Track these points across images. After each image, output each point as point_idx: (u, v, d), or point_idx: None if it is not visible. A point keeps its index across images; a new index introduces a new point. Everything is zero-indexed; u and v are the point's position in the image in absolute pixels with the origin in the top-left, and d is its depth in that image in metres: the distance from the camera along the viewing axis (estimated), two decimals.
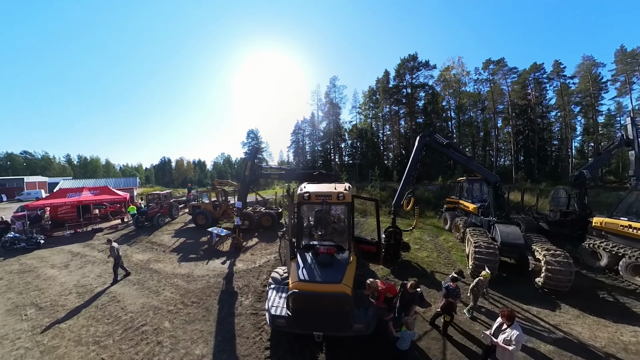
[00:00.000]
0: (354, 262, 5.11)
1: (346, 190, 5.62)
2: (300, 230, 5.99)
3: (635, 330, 6.08)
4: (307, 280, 4.51)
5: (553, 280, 7.53)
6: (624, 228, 9.04)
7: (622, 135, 12.11)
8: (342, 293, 4.24)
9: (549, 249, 8.15)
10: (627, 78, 37.50)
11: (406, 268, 9.34)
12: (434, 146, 10.36)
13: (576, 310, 6.87)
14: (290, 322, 4.46)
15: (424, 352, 5.02)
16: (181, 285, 8.13)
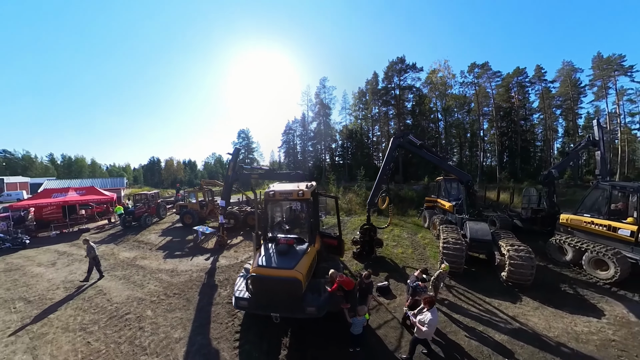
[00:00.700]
0: (311, 253, 5.77)
1: (307, 188, 6.29)
2: (266, 224, 6.66)
3: (590, 321, 6.41)
4: (264, 266, 5.20)
5: (516, 274, 7.87)
6: (587, 224, 9.59)
7: (589, 137, 12.93)
8: (294, 278, 4.88)
9: (513, 244, 8.50)
10: (604, 83, 39.63)
11: (380, 263, 9.83)
12: (408, 147, 10.79)
13: (536, 303, 7.18)
14: (251, 304, 5.14)
15: (380, 339, 5.51)
16: (165, 279, 8.69)
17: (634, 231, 8.22)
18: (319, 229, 6.97)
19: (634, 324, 6.26)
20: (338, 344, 5.12)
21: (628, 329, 6.04)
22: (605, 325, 6.20)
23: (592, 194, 10.05)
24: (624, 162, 39.06)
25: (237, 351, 5.06)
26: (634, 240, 8.22)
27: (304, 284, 4.95)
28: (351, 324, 4.77)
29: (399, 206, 20.84)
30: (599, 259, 8.62)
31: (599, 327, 6.14)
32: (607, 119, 41.83)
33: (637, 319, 6.39)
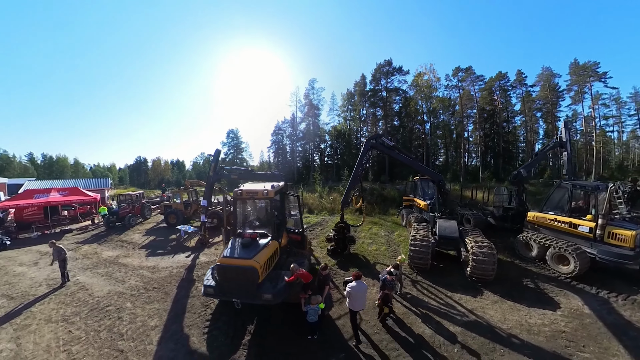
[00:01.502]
0: (272, 247, 6.42)
1: (272, 188, 6.94)
2: (235, 220, 7.33)
3: (545, 314, 6.68)
4: (228, 257, 5.90)
5: (478, 269, 8.13)
6: (551, 221, 10.04)
7: (557, 138, 13.48)
8: (251, 267, 5.53)
9: (477, 241, 8.80)
10: (580, 88, 41.90)
11: (352, 259, 10.33)
12: (380, 149, 11.15)
13: (496, 297, 7.47)
14: (216, 291, 5.81)
15: (338, 328, 5.98)
16: (146, 275, 9.20)
17: (592, 228, 8.76)
18: (285, 226, 7.62)
19: (587, 315, 6.62)
20: (297, 332, 5.70)
21: (580, 321, 6.37)
22: (559, 318, 6.52)
23: (556, 192, 10.51)
24: (599, 162, 41.38)
25: (205, 336, 5.68)
26: (592, 236, 8.74)
27: (261, 273, 5.61)
28: (306, 312, 5.37)
29: (381, 205, 21.73)
30: (561, 254, 8.98)
31: (552, 319, 6.44)
32: (583, 122, 44.29)
33: (590, 311, 6.78)
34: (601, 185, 9.37)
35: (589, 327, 6.21)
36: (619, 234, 8.33)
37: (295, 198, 8.70)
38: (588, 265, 8.55)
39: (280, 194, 7.68)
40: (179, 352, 5.23)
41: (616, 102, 43.13)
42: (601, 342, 5.68)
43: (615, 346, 5.53)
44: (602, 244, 8.59)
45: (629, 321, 6.36)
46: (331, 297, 7.25)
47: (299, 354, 5.17)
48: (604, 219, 8.54)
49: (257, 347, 5.32)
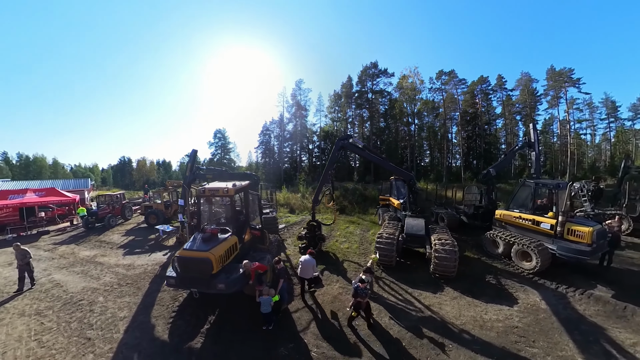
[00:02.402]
0: (230, 241, 6.98)
1: (232, 187, 7.49)
2: (199, 216, 7.89)
3: (501, 309, 6.86)
4: (187, 249, 6.49)
5: (440, 266, 8.36)
6: (516, 219, 10.39)
7: (525, 139, 14.50)
8: (206, 258, 6.07)
9: (440, 238, 9.04)
10: (556, 93, 44.24)
11: (322, 257, 10.63)
12: (351, 149, 11.49)
13: (456, 293, 7.67)
14: (177, 281, 6.37)
15: (293, 320, 6.36)
16: (121, 272, 9.59)
17: (553, 225, 9.05)
18: (249, 223, 8.23)
19: (542, 311, 6.83)
20: (255, 323, 6.13)
21: (535, 316, 6.57)
22: (515, 313, 6.70)
23: (521, 190, 10.88)
24: (573, 163, 43.78)
25: (169, 326, 6.21)
26: (553, 233, 9.04)
27: (216, 265, 6.16)
28: (260, 303, 5.86)
29: (362, 205, 22.57)
30: (524, 250, 9.27)
31: (507, 315, 6.62)
32: (558, 125, 46.76)
33: (547, 306, 7.01)
34: (562, 183, 9.61)
35: (542, 322, 6.38)
36: (577, 231, 8.64)
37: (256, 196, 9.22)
38: (549, 262, 8.83)
39: (244, 193, 8.25)
40: (142, 340, 5.74)
41: (589, 106, 45.85)
42: (552, 337, 5.84)
43: (565, 341, 5.69)
44: (562, 241, 8.88)
45: (582, 315, 6.64)
46: (292, 292, 7.71)
47: (251, 342, 5.65)
48: (564, 216, 8.86)
49: (214, 336, 5.84)
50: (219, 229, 7.19)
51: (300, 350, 5.38)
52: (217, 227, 7.50)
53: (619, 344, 5.66)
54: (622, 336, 5.87)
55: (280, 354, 5.25)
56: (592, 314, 6.73)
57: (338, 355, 5.22)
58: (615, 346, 5.61)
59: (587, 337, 5.87)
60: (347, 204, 22.52)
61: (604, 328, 6.15)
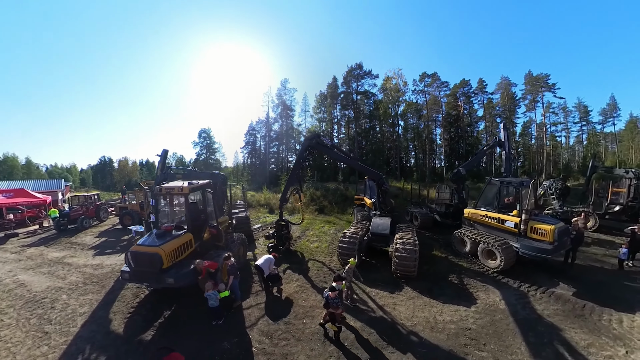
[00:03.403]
0: (184, 238, 7.39)
1: (188, 185, 7.90)
2: (156, 214, 8.29)
3: (458, 310, 6.81)
4: (140, 245, 6.93)
5: (400, 265, 8.38)
6: (483, 217, 10.51)
7: (496, 139, 14.35)
8: (156, 253, 6.47)
9: (402, 237, 9.03)
10: (533, 97, 46.54)
11: (288, 255, 11.03)
12: (319, 148, 11.70)
13: (415, 293, 7.67)
14: (130, 275, 6.77)
15: (244, 316, 6.65)
16: (88, 272, 9.80)
17: (517, 223, 9.17)
18: (208, 221, 8.65)
19: (500, 311, 6.81)
20: (206, 318, 6.39)
21: (491, 317, 6.54)
22: (471, 314, 6.66)
23: (487, 189, 11.04)
24: (549, 163, 46.12)
25: (126, 320, 6.58)
26: (517, 231, 9.14)
27: (166, 260, 6.58)
28: (207, 298, 6.15)
29: (342, 205, 23.22)
30: (489, 249, 9.32)
31: (463, 316, 6.58)
32: (535, 128, 49.15)
33: (506, 306, 7.00)
34: (525, 181, 9.68)
35: (498, 323, 6.34)
36: (540, 229, 8.72)
37: (222, 195, 9.63)
38: (514, 260, 8.90)
39: (202, 192, 8.65)
40: (98, 333, 6.11)
41: (563, 110, 48.41)
42: (505, 339, 5.80)
43: (517, 343, 5.65)
44: (526, 239, 8.97)
45: (540, 315, 6.66)
46: (249, 289, 8.05)
47: (198, 335, 5.98)
48: (527, 214, 8.96)
49: (165, 329, 6.22)
50: (174, 226, 7.63)
51: (242, 345, 5.67)
52: (174, 224, 7.92)
53: (574, 345, 5.63)
54: (578, 337, 5.88)
55: (223, 348, 5.56)
56: (551, 314, 6.73)
57: (277, 352, 5.46)
58: (569, 348, 5.56)
59: (541, 339, 5.82)
60: (327, 203, 23.11)
61: (561, 329, 6.15)
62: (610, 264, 9.98)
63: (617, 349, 5.54)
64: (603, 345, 5.63)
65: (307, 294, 7.84)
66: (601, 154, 48.10)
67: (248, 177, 47.34)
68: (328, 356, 5.33)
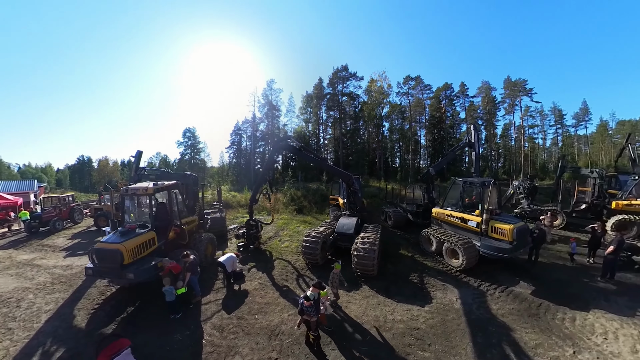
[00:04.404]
0: (146, 236, 7.87)
1: (153, 186, 8.41)
2: (122, 213, 8.75)
3: (410, 309, 6.91)
4: (103, 242, 7.43)
5: (359, 264, 8.54)
6: (448, 217, 10.74)
7: (466, 139, 14.73)
8: (117, 250, 6.96)
9: (363, 237, 9.19)
10: (512, 101, 48.86)
11: (257, 254, 11.46)
12: (288, 150, 12.12)
13: (372, 292, 7.82)
14: (93, 271, 7.22)
15: (201, 310, 7.02)
16: (57, 273, 10.07)
17: (479, 222, 9.36)
18: (173, 221, 9.12)
19: (454, 311, 6.89)
20: (167, 313, 6.81)
21: (443, 317, 6.65)
22: (423, 313, 6.79)
23: (452, 189, 11.30)
24: (527, 164, 48.54)
25: (89, 316, 7.01)
26: (479, 231, 9.35)
27: (127, 256, 7.04)
28: (164, 293, 6.65)
29: (321, 205, 23.91)
30: (453, 248, 9.53)
31: (414, 315, 6.71)
32: (514, 130, 51.58)
33: (461, 306, 7.09)
34: (487, 181, 9.88)
35: (449, 323, 6.40)
36: (499, 228, 8.92)
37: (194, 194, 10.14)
38: (476, 259, 9.03)
39: (167, 192, 9.15)
40: (60, 327, 6.54)
41: (540, 114, 51.09)
42: (453, 339, 5.85)
43: (464, 344, 5.70)
44: (487, 238, 9.17)
45: (494, 315, 6.74)
46: (212, 285, 8.49)
47: (154, 328, 6.40)
48: (488, 214, 9.18)
49: (125, 323, 6.68)
50: (138, 225, 8.12)
51: (193, 337, 6.11)
52: (138, 223, 8.40)
53: (522, 345, 5.66)
54: (528, 337, 5.94)
55: (174, 339, 6.02)
56: (505, 313, 6.81)
57: (224, 344, 5.87)
58: (516, 348, 5.59)
59: (490, 339, 5.86)
60: (307, 204, 23.75)
61: (512, 328, 6.21)
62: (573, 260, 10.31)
63: (565, 349, 5.56)
64: (552, 346, 5.65)
65: (265, 291, 8.33)
66: (575, 155, 51.02)
67: (233, 177, 47.33)
68: (271, 350, 5.71)
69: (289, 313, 7.01)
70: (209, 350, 5.71)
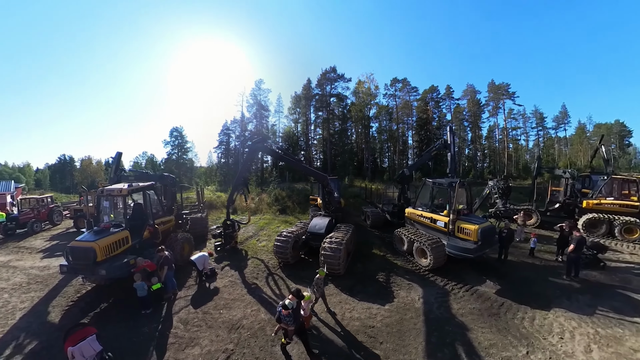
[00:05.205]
0: (119, 235, 8.29)
1: (127, 187, 8.87)
2: (98, 213, 9.16)
3: (370, 308, 7.05)
4: (77, 240, 7.82)
5: (327, 264, 8.71)
6: (419, 217, 11.06)
7: (442, 140, 14.69)
8: (90, 247, 7.38)
9: (332, 236, 9.43)
10: (495, 104, 50.73)
11: (232, 253, 11.86)
12: (265, 151, 12.38)
13: (335, 290, 8.03)
14: (68, 268, 7.62)
15: (171, 307, 7.39)
16: (33, 273, 10.31)
17: (447, 222, 9.56)
18: (147, 221, 9.55)
19: (414, 310, 7.03)
20: (138, 308, 7.18)
21: (402, 316, 6.80)
22: (382, 312, 6.95)
23: (423, 189, 11.56)
24: (511, 164, 50.54)
25: (63, 312, 7.40)
26: (447, 231, 9.56)
27: (100, 253, 7.46)
28: (135, 289, 7.06)
29: (304, 205, 24.44)
30: (422, 248, 9.72)
31: (373, 314, 6.86)
32: (497, 132, 53.54)
33: (422, 305, 7.25)
34: (454, 182, 9.98)
35: (406, 322, 6.54)
36: (465, 229, 9.11)
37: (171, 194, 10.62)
38: (444, 259, 9.26)
39: (142, 193, 9.56)
40: (33, 323, 6.93)
41: (522, 117, 53.23)
42: (406, 338, 5.95)
43: (417, 343, 5.80)
44: (454, 238, 9.39)
45: (453, 315, 6.84)
46: (184, 283, 8.87)
47: (124, 322, 6.82)
48: (454, 214, 9.37)
49: (98, 318, 7.09)
50: (113, 224, 8.57)
51: (160, 330, 6.57)
52: (113, 223, 8.83)
53: (475, 345, 5.71)
54: (483, 337, 5.99)
55: (142, 332, 6.45)
56: (466, 313, 6.90)
57: (186, 336, 6.32)
58: (468, 348, 5.62)
59: (444, 339, 5.93)
60: (291, 204, 24.27)
61: (469, 328, 6.29)
62: (541, 259, 10.87)
63: (519, 349, 5.62)
64: (506, 346, 5.72)
65: (234, 288, 8.78)
66: (555, 156, 53.40)
67: (220, 177, 47.43)
68: (229, 342, 6.12)
69: (252, 309, 7.42)
70: (172, 342, 6.18)
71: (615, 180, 14.82)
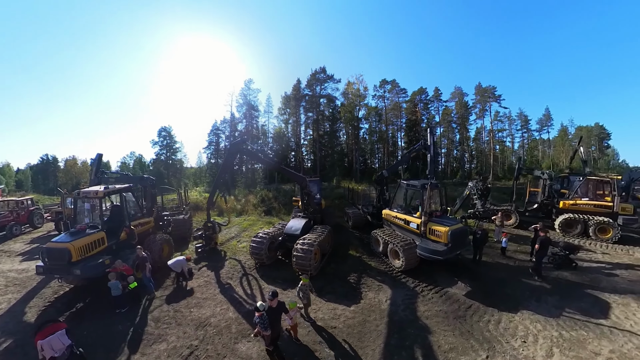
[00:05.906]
0: (95, 236, 8.59)
1: (103, 189, 9.24)
2: (75, 215, 9.44)
3: (335, 309, 7.20)
4: (53, 241, 8.12)
5: (298, 264, 8.95)
6: (394, 218, 11.25)
7: (422, 142, 14.83)
8: (65, 248, 7.63)
9: (305, 237, 9.64)
10: (482, 106, 52.25)
11: (212, 254, 12.19)
12: (244, 153, 12.36)
13: None
14: (44, 269, 7.92)
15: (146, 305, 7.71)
16: (12, 276, 10.49)
17: (419, 224, 9.70)
18: (124, 222, 9.83)
19: (379, 312, 7.12)
20: (113, 308, 7.49)
21: (365, 317, 6.89)
22: (347, 313, 7.09)
23: (398, 191, 11.69)
24: (497, 165, 52.15)
25: (40, 312, 7.69)
26: (419, 232, 9.67)
27: (75, 254, 7.76)
28: (110, 288, 7.34)
29: (290, 206, 24.84)
30: (395, 249, 9.82)
31: (337, 315, 7.00)
32: (484, 134, 55.14)
33: (388, 307, 7.33)
34: (426, 183, 10.09)
35: (369, 323, 6.59)
36: (436, 230, 9.19)
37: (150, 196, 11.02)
38: (416, 260, 9.36)
39: (120, 195, 9.86)
40: (10, 322, 7.23)
41: (508, 119, 54.97)
42: (366, 340, 6.02)
43: (376, 345, 5.86)
44: (425, 240, 9.48)
45: (418, 317, 6.90)
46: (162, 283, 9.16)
47: (98, 321, 7.11)
48: (426, 215, 9.52)
49: (73, 316, 7.41)
50: (89, 225, 8.91)
51: (133, 328, 6.86)
52: (89, 224, 9.14)
53: (435, 349, 5.71)
54: (444, 340, 5.98)
55: (115, 330, 6.76)
56: (431, 315, 6.92)
57: (155, 333, 6.68)
58: (427, 352, 5.64)
59: (404, 341, 5.94)
60: (277, 205, 24.68)
61: (432, 331, 6.31)
62: (515, 259, 11.06)
63: (479, 353, 5.57)
64: (467, 349, 5.68)
65: (208, 287, 9.09)
66: (539, 158, 55.32)
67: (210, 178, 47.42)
68: (194, 338, 6.44)
69: (221, 307, 7.71)
70: (141, 338, 6.55)
71: (591, 181, 15.31)
